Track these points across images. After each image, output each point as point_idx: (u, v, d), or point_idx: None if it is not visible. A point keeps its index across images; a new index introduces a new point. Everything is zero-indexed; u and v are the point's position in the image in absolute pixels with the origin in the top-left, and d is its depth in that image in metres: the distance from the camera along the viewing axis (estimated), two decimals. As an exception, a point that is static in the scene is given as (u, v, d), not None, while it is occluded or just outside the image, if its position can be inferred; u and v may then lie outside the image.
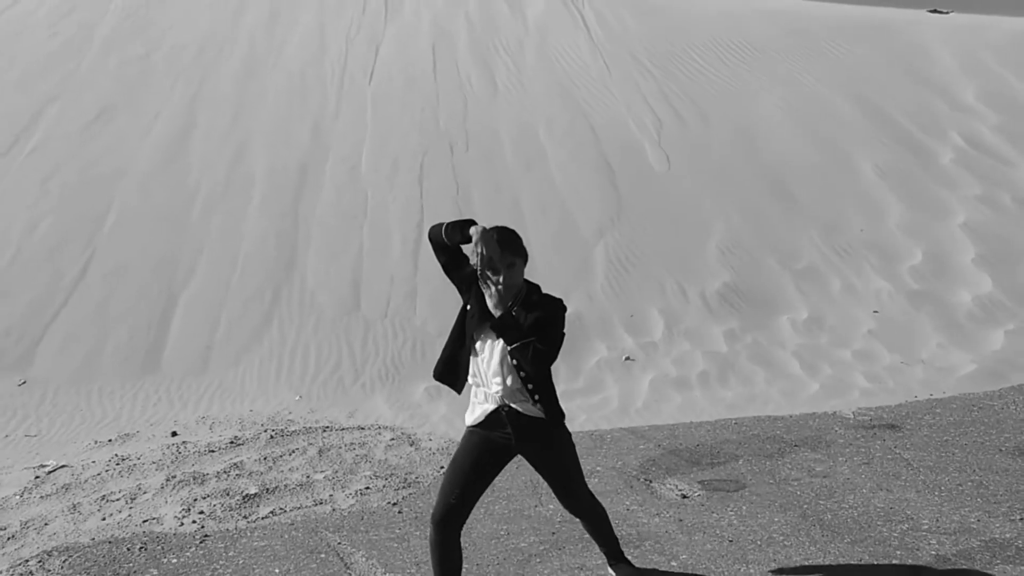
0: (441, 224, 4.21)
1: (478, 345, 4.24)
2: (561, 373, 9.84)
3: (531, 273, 11.72)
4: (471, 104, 16.41)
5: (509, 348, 4.12)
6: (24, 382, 9.90)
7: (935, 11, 23.36)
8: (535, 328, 4.13)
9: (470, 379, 4.34)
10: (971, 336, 10.31)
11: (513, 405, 4.23)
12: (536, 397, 4.23)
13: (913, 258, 11.95)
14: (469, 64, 18.06)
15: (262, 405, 9.23)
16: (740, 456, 7.25)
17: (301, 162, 14.41)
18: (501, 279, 4.10)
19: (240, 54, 18.29)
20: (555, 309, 4.22)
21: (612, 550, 4.86)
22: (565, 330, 4.25)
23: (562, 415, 4.37)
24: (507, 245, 4.15)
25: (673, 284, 11.56)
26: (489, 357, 4.21)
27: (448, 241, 4.17)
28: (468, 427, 4.39)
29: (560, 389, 9.32)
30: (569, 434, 4.47)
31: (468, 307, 4.25)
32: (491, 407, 4.26)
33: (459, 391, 4.40)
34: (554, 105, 16.31)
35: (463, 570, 4.53)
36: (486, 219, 12.71)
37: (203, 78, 17.19)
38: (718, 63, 17.86)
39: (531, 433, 4.28)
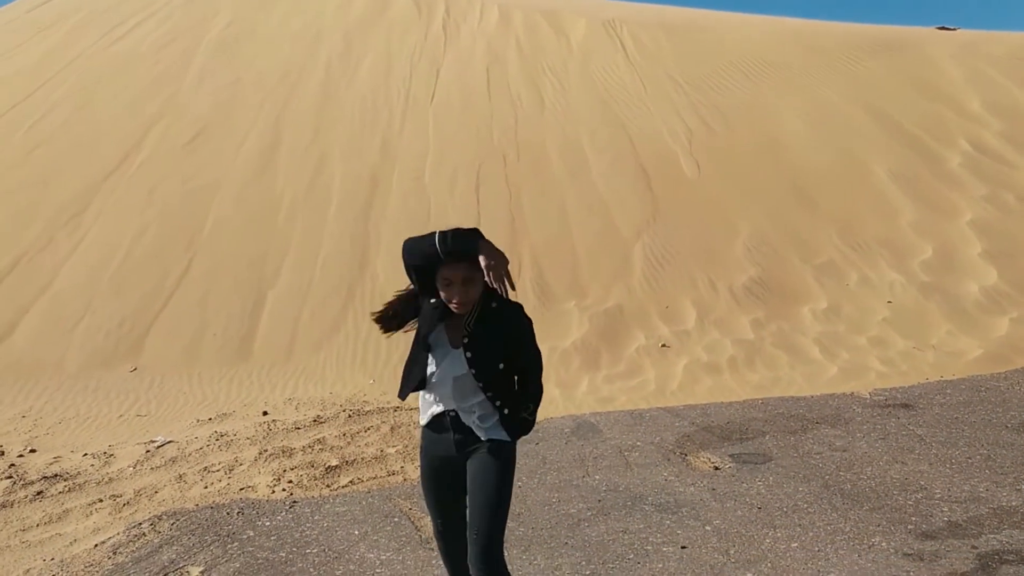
0: (422, 237, 3.48)
1: (433, 351, 3.59)
2: (604, 359, 9.82)
3: (578, 269, 11.64)
4: (521, 119, 16.39)
5: (473, 371, 3.50)
6: (135, 368, 10.08)
7: (942, 28, 22.89)
8: (509, 344, 3.57)
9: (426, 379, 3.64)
10: (978, 323, 10.11)
11: (460, 412, 3.57)
12: (497, 404, 3.57)
13: (924, 253, 11.74)
14: (519, 84, 18.04)
15: (340, 388, 9.31)
16: (767, 432, 7.19)
17: (372, 173, 14.50)
18: (457, 295, 3.44)
19: (318, 78, 18.44)
20: (521, 322, 3.60)
21: None
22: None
23: (519, 429, 3.66)
24: (470, 264, 3.41)
25: (704, 278, 11.48)
26: (445, 370, 3.56)
27: (446, 255, 3.39)
28: (421, 426, 3.73)
29: (602, 374, 9.42)
30: (514, 460, 3.66)
31: (433, 301, 3.56)
32: (439, 410, 3.61)
33: (402, 398, 3.70)
34: (595, 119, 16.24)
35: (520, 534, 4.52)
36: (536, 222, 12.77)
37: (286, 100, 17.35)
38: (743, 79, 17.66)
39: (472, 440, 3.59)
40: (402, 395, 3.69)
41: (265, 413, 8.35)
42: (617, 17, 22.19)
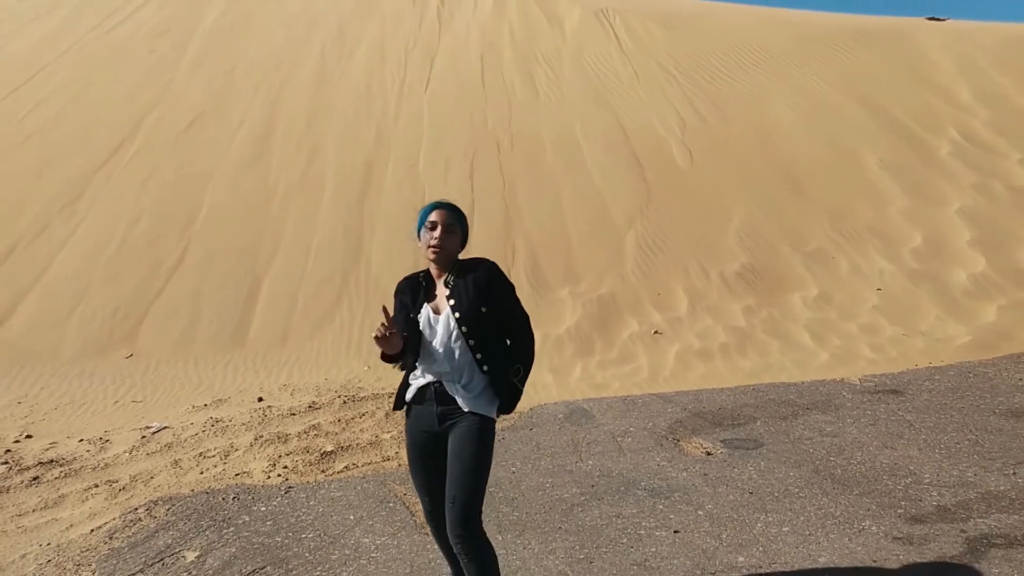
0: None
1: (422, 333, 3.73)
2: (597, 345, 9.82)
3: (571, 257, 11.63)
4: (515, 108, 16.35)
5: (463, 328, 3.65)
6: (131, 355, 10.05)
7: (933, 18, 22.89)
8: (489, 293, 3.68)
9: (411, 355, 3.79)
10: (967, 310, 10.13)
11: (444, 382, 3.69)
12: (485, 368, 3.70)
13: (913, 241, 11.75)
14: (513, 72, 17.98)
15: (335, 374, 9.29)
16: (758, 418, 7.20)
17: (366, 161, 14.46)
18: (438, 236, 3.67)
19: (312, 67, 18.36)
20: (497, 274, 3.75)
21: None
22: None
23: (508, 397, 3.75)
24: (453, 210, 3.75)
25: (696, 266, 11.48)
26: (433, 335, 3.71)
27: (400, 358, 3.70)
28: (406, 402, 3.83)
29: (595, 360, 9.42)
30: (487, 433, 3.70)
31: (411, 315, 3.74)
32: (423, 382, 3.73)
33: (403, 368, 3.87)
34: (589, 108, 16.21)
35: (514, 518, 4.53)
36: (530, 210, 12.75)
37: (280, 89, 17.28)
38: (736, 69, 17.63)
39: (455, 412, 3.69)
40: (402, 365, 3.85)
41: (260, 399, 8.33)
42: (610, 6, 22.13)
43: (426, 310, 3.73)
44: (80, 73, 18.21)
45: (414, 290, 3.80)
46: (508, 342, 3.80)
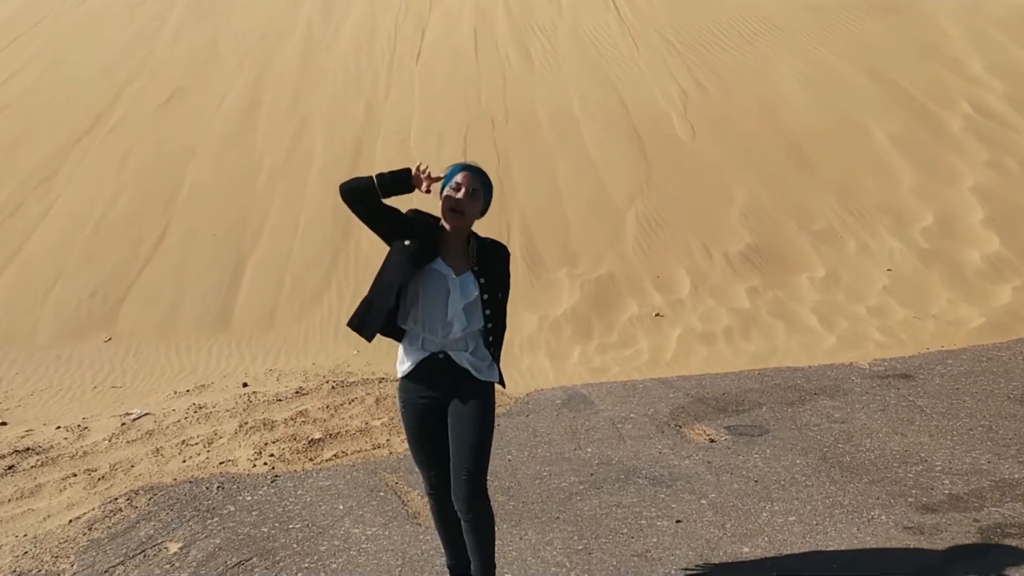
0: (360, 178, 3.77)
1: (426, 283, 3.69)
2: (596, 328, 9.80)
3: (568, 236, 11.61)
4: (510, 82, 16.26)
5: (485, 296, 3.67)
6: (110, 338, 10.01)
7: (944, -12, 22.77)
8: (503, 276, 3.81)
9: (408, 326, 3.76)
10: (980, 292, 10.12)
11: (450, 353, 3.71)
12: (491, 339, 3.76)
13: (924, 220, 11.72)
14: (508, 44, 17.88)
15: (324, 359, 9.26)
16: (763, 404, 7.19)
17: (356, 137, 14.38)
18: (461, 196, 3.70)
19: (299, 38, 18.24)
20: (507, 255, 3.86)
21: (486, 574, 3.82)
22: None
23: (499, 369, 3.85)
24: (479, 175, 3.80)
25: (699, 245, 11.45)
26: (445, 301, 3.65)
27: (382, 194, 3.72)
28: (400, 379, 3.83)
29: (594, 343, 9.41)
30: (493, 402, 3.80)
31: (408, 243, 3.71)
32: (425, 354, 3.71)
33: (385, 335, 3.80)
34: (587, 81, 16.13)
35: (510, 508, 4.52)
36: (525, 187, 12.70)
37: (265, 61, 17.16)
38: (739, 40, 17.54)
39: (461, 382, 3.71)
40: (369, 334, 3.75)
41: (245, 385, 8.30)
42: (609, -25, 21.98)
43: (441, 265, 3.70)
44: (55, 43, 18.07)
45: (430, 233, 3.76)
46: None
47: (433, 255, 3.70)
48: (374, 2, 20.35)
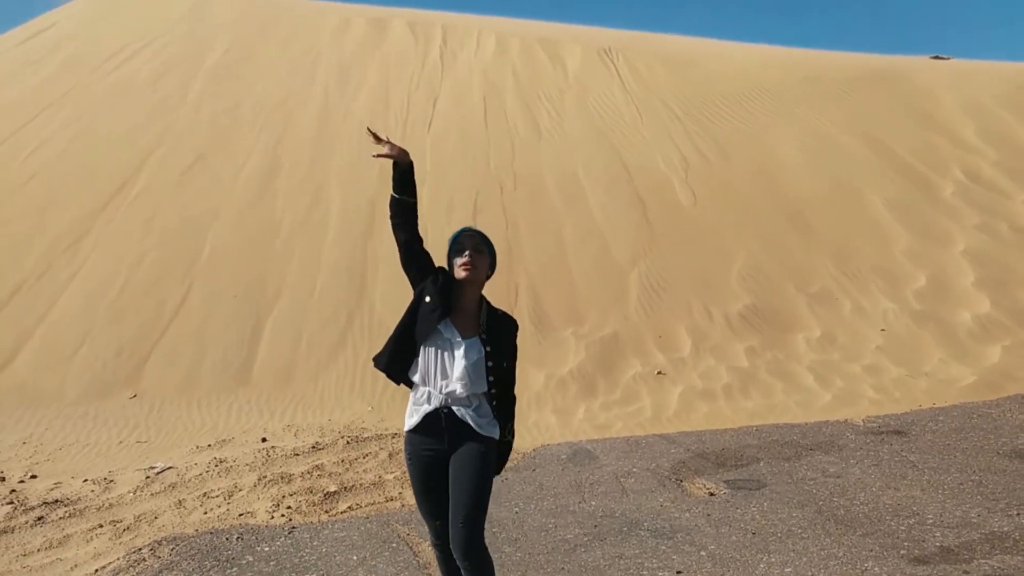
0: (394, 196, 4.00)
1: (435, 343, 3.82)
2: (600, 386, 9.93)
3: (574, 297, 11.77)
4: (518, 148, 16.58)
5: (489, 363, 3.80)
6: (135, 396, 10.18)
7: (937, 57, 23.21)
8: (510, 344, 3.91)
9: (416, 378, 3.87)
10: (971, 351, 10.25)
11: (454, 408, 3.79)
12: (494, 403, 3.85)
13: (917, 281, 11.89)
14: (516, 113, 18.25)
15: (339, 415, 9.40)
16: (761, 459, 7.30)
17: (370, 200, 14.64)
18: (468, 255, 3.88)
19: (316, 106, 18.64)
20: (516, 328, 3.96)
21: None
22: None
23: (504, 428, 3.93)
24: (479, 234, 3.99)
25: (700, 306, 11.62)
26: (450, 361, 3.78)
27: (398, 190, 4.02)
28: (407, 432, 3.92)
29: (599, 401, 9.55)
30: (493, 455, 3.87)
31: (428, 299, 3.86)
32: (430, 408, 3.80)
33: (397, 383, 3.94)
34: (592, 147, 16.44)
35: (517, 558, 4.62)
36: (532, 250, 12.92)
37: (284, 128, 17.53)
38: (739, 108, 17.89)
39: (463, 436, 3.79)
40: (384, 366, 3.92)
41: (264, 439, 8.44)
42: (613, 45, 22.47)
43: (449, 327, 3.83)
44: (81, 114, 18.49)
45: (446, 292, 3.90)
46: (496, 402, 3.92)
47: (448, 312, 3.85)
48: (388, 71, 20.80)
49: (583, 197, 14.62)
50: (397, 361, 3.88)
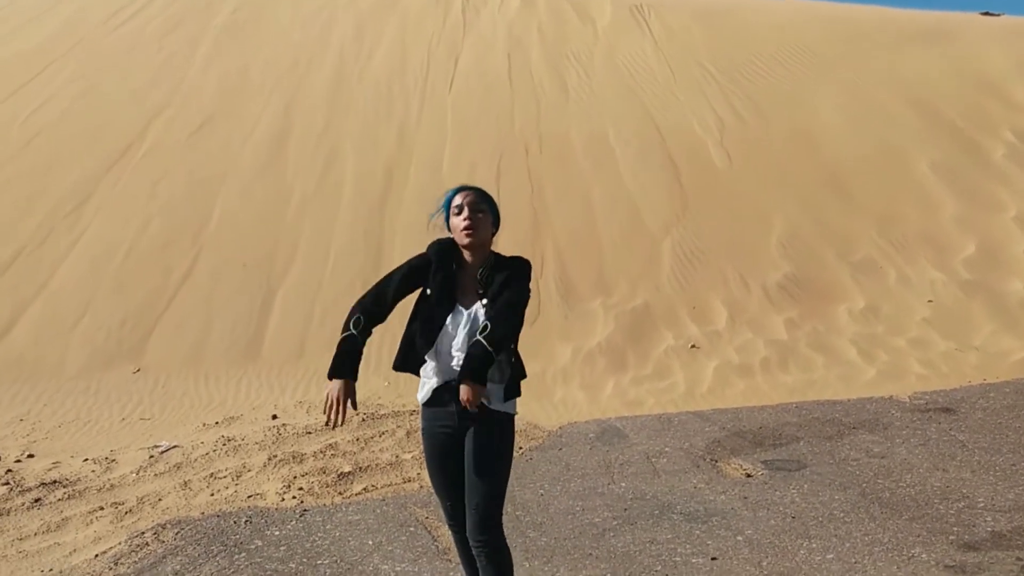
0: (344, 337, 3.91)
1: (443, 318, 3.73)
2: (630, 360, 9.83)
3: (603, 265, 11.65)
4: (544, 109, 16.40)
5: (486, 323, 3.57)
6: (139, 369, 10.16)
7: (986, 13, 22.76)
8: (504, 285, 3.63)
9: (426, 357, 3.80)
10: (1023, 323, 10.08)
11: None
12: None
13: (966, 249, 11.69)
14: (542, 71, 18.04)
15: (354, 390, 9.33)
16: (801, 438, 7.18)
17: (387, 165, 14.54)
18: (467, 216, 3.66)
19: (330, 66, 18.50)
20: (522, 265, 3.71)
21: None
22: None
23: (515, 391, 3.73)
24: (481, 195, 3.75)
25: (736, 276, 11.46)
26: (453, 331, 3.69)
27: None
28: (421, 406, 3.87)
29: (629, 376, 9.43)
30: (512, 431, 3.79)
31: (427, 291, 3.77)
32: (439, 382, 3.75)
33: (417, 374, 3.87)
34: (622, 108, 16.24)
35: (542, 544, 4.55)
36: (559, 216, 12.78)
37: (296, 89, 17.42)
38: (777, 67, 17.62)
39: (471, 415, 3.64)
40: (399, 368, 3.88)
41: (274, 417, 8.40)
42: (645, 2, 22.16)
43: (454, 302, 3.72)
44: (86, 72, 18.43)
45: (446, 264, 3.75)
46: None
47: (452, 292, 3.73)
48: (406, 29, 20.62)
49: (613, 160, 14.44)
50: (411, 361, 3.84)
